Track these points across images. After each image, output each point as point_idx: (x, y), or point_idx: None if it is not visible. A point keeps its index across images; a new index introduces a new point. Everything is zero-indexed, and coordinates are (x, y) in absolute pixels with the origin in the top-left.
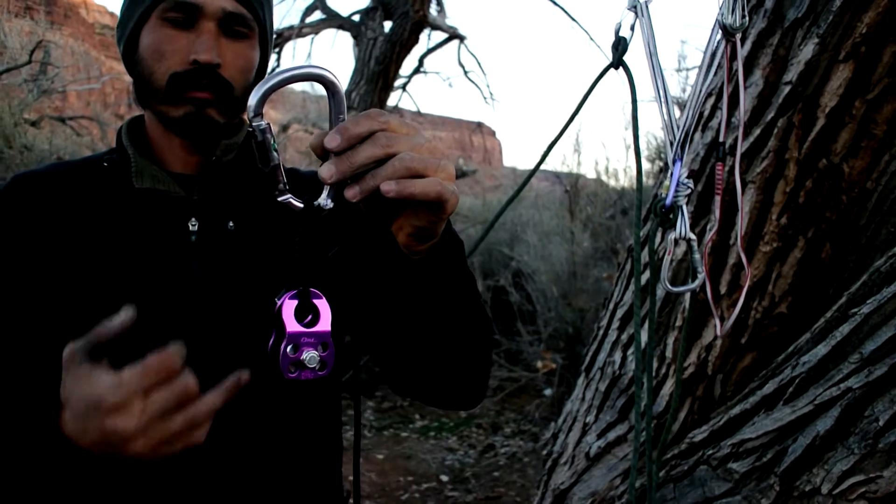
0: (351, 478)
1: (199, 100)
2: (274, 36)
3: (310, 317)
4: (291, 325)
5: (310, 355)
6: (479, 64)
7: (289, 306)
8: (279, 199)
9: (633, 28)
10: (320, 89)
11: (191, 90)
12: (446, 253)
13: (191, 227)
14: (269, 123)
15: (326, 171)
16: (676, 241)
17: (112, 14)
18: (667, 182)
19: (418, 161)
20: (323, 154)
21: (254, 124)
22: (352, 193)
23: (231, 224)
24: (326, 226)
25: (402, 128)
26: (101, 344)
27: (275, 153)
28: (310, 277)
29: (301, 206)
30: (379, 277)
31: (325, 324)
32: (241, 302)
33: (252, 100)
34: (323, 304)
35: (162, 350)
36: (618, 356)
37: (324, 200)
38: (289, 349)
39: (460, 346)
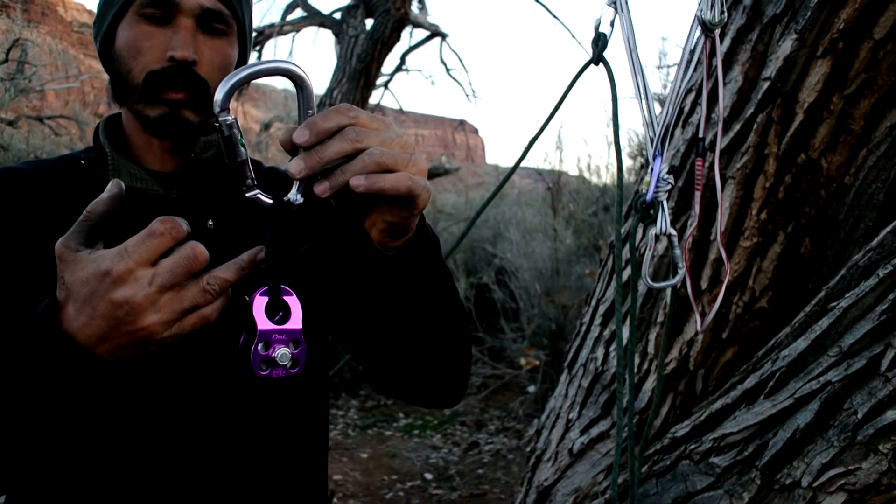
0: (336, 476)
1: (173, 101)
2: (254, 34)
3: (280, 314)
4: (262, 323)
5: (281, 352)
6: (461, 61)
7: (259, 303)
8: (247, 194)
9: (612, 24)
10: None
11: (166, 90)
12: (421, 249)
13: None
14: (235, 118)
15: (295, 166)
16: (657, 237)
17: (90, 12)
18: (647, 178)
19: (388, 156)
20: (292, 149)
21: (220, 119)
22: (321, 189)
23: (210, 222)
24: (297, 221)
25: (373, 122)
26: (94, 226)
27: (242, 148)
28: (280, 274)
29: (270, 201)
30: (353, 274)
31: (296, 321)
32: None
33: (218, 94)
34: (294, 301)
35: (164, 217)
36: (600, 352)
37: (293, 196)
38: (260, 347)
39: (438, 343)
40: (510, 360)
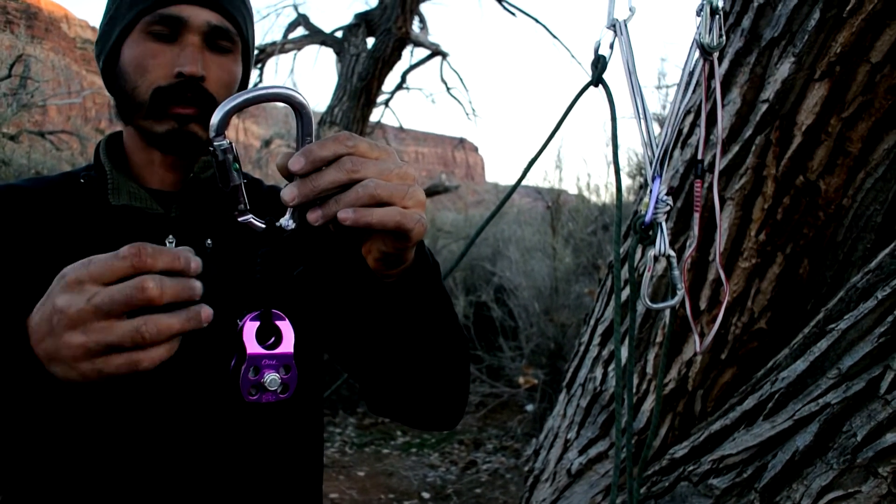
0: (332, 495)
1: (182, 115)
2: (255, 52)
3: (272, 339)
4: (252, 347)
5: (271, 378)
6: (461, 80)
7: (250, 328)
8: (239, 219)
9: (612, 46)
10: None
11: (174, 105)
12: (418, 277)
13: (168, 245)
14: (230, 143)
15: (288, 193)
16: (656, 258)
17: (94, 28)
18: (646, 199)
19: (383, 188)
20: (288, 175)
21: (215, 144)
22: (313, 217)
23: (209, 242)
24: (290, 246)
25: (372, 151)
26: None
27: (235, 174)
28: (272, 299)
29: (262, 226)
30: (350, 298)
31: (287, 346)
32: (217, 321)
33: (214, 119)
34: (286, 326)
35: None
36: (599, 372)
37: (285, 221)
38: (249, 372)
39: (435, 368)
40: (509, 379)
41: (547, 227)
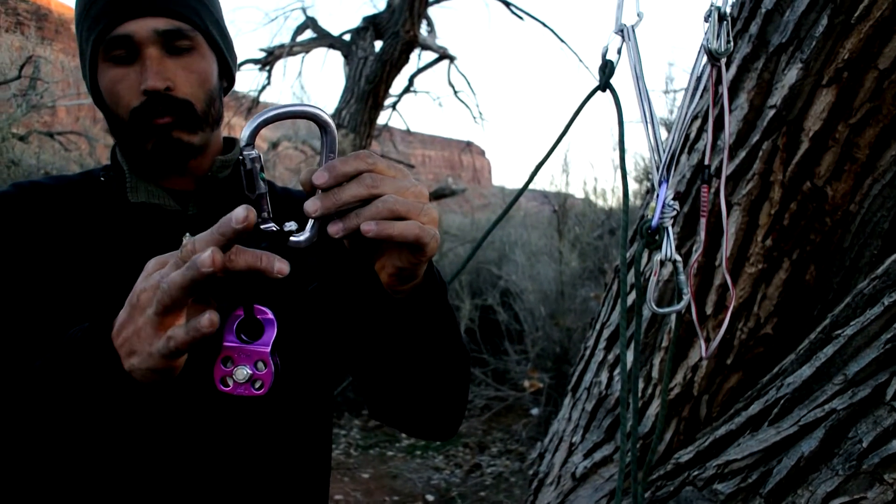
0: (337, 497)
1: (162, 126)
2: (231, 37)
3: (252, 334)
4: (227, 339)
5: (240, 371)
6: (468, 84)
7: (232, 320)
8: (262, 227)
9: (619, 51)
10: None
11: (152, 120)
12: (427, 294)
13: (185, 242)
14: (259, 154)
15: (312, 205)
16: (662, 263)
17: None
18: (653, 204)
19: (401, 204)
20: (311, 190)
21: (244, 153)
22: (335, 230)
23: None
24: (305, 259)
25: (390, 170)
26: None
27: (262, 182)
28: (255, 292)
29: (283, 235)
30: (360, 312)
31: (265, 343)
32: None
33: (244, 132)
34: (270, 323)
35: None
36: (604, 376)
37: (306, 233)
38: (221, 362)
39: (436, 381)
40: (514, 383)
41: (553, 231)
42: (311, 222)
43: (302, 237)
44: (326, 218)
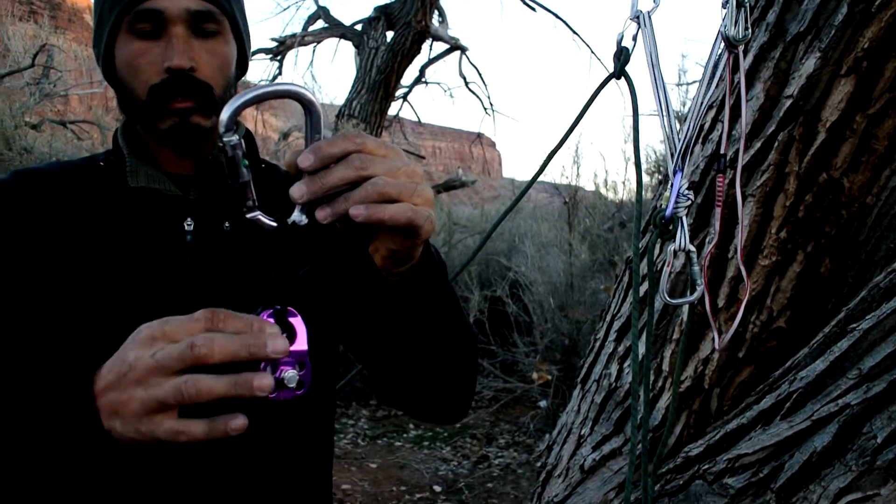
0: (344, 486)
1: (182, 109)
2: (249, 27)
3: (286, 336)
4: None
5: (289, 375)
6: (479, 75)
7: None
8: (248, 215)
9: (635, 38)
10: (323, 98)
11: (172, 100)
12: (425, 276)
13: (186, 227)
14: (240, 139)
15: (297, 190)
16: (675, 253)
17: None
18: (667, 193)
19: (392, 185)
20: (297, 173)
21: (224, 139)
22: (322, 215)
23: (227, 224)
24: (299, 242)
25: (380, 150)
26: None
27: (244, 170)
28: (285, 296)
29: (272, 224)
30: (357, 295)
31: (301, 343)
32: (234, 303)
33: (224, 115)
34: (299, 323)
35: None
36: (614, 368)
37: (298, 217)
38: (268, 369)
39: (441, 363)
40: (522, 374)
41: (563, 223)
42: (297, 206)
43: (301, 217)
44: (315, 202)
